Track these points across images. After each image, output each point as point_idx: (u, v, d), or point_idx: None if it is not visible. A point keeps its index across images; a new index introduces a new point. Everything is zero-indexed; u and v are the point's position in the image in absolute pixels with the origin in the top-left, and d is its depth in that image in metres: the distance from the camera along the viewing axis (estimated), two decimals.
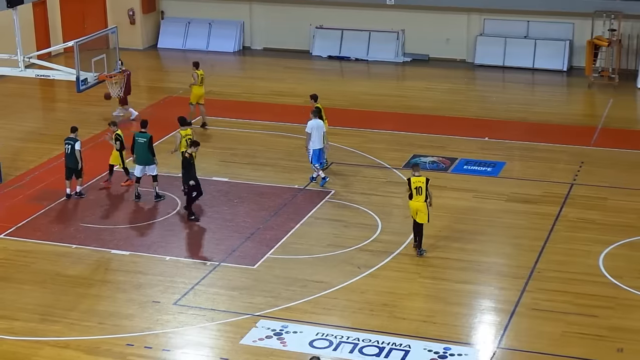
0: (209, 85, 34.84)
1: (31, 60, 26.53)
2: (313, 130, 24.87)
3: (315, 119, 25.02)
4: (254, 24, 40.11)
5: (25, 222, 23.44)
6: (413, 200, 21.33)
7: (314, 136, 24.86)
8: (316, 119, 25.03)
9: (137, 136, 24.58)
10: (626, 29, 35.19)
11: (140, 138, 24.48)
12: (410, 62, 38.00)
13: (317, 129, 24.89)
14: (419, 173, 21.43)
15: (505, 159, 27.23)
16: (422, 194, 21.21)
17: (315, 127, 24.89)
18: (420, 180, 21.22)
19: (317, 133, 24.88)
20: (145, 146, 24.39)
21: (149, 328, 18.73)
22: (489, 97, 33.53)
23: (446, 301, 19.65)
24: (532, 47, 36.66)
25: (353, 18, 38.63)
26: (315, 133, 24.85)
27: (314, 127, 24.88)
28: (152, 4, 40.82)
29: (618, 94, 33.38)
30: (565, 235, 22.48)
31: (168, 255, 21.75)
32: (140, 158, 24.49)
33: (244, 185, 25.67)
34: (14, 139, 29.36)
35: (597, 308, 19.23)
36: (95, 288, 20.33)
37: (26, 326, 18.82)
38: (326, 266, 21.15)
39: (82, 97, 30.76)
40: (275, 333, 18.44)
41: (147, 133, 24.58)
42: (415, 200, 21.29)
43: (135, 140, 24.55)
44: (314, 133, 24.86)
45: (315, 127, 24.88)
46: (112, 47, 27.93)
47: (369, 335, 18.32)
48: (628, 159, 27.31)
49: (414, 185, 21.22)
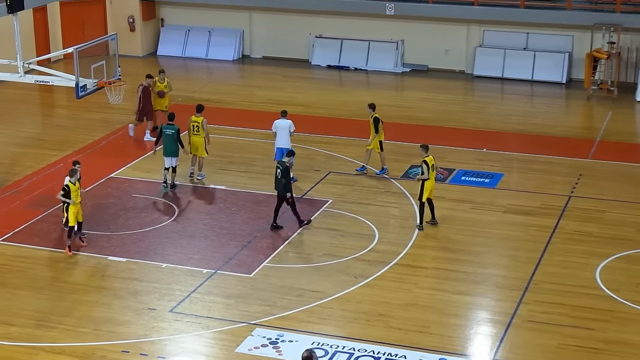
0: (209, 92, 34.91)
1: (31, 66, 26.55)
2: (278, 129, 25.80)
3: (283, 119, 25.79)
4: (253, 33, 40.15)
5: (22, 228, 23.43)
6: (430, 179, 22.77)
7: (278, 135, 25.75)
8: (284, 119, 25.78)
9: (164, 128, 25.40)
10: (625, 41, 35.24)
11: (168, 130, 25.31)
12: (409, 73, 38.03)
13: (281, 128, 25.78)
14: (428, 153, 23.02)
15: (503, 171, 27.24)
16: (435, 171, 23.06)
17: (280, 127, 25.80)
18: (432, 158, 22.96)
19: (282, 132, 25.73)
20: (172, 138, 25.22)
21: (145, 335, 18.71)
22: (487, 109, 33.54)
23: (442, 312, 19.65)
24: (531, 59, 36.70)
25: (353, 28, 38.67)
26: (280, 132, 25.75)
27: (278, 127, 25.82)
28: (152, 12, 40.87)
29: (617, 107, 33.41)
30: (562, 248, 22.48)
31: (164, 263, 21.74)
32: (168, 149, 25.29)
33: (241, 193, 25.67)
34: (13, 145, 29.36)
35: (593, 321, 19.23)
36: (92, 294, 20.32)
37: (22, 332, 18.80)
38: (322, 275, 21.14)
39: (81, 104, 30.80)
40: (271, 342, 18.42)
41: (175, 125, 25.39)
42: (432, 179, 22.80)
43: (163, 132, 25.37)
44: (279, 132, 25.76)
45: (279, 127, 25.81)
46: (111, 54, 27.97)
47: (364, 345, 18.30)
48: (626, 171, 27.33)
49: (430, 163, 22.78)
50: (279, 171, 23.05)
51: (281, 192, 23.16)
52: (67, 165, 27.44)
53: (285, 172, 23.02)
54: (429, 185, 22.99)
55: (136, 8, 40.08)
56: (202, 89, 35.42)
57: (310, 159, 27.97)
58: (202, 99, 33.75)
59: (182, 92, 33.65)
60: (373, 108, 26.63)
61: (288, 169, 23.21)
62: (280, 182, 23.04)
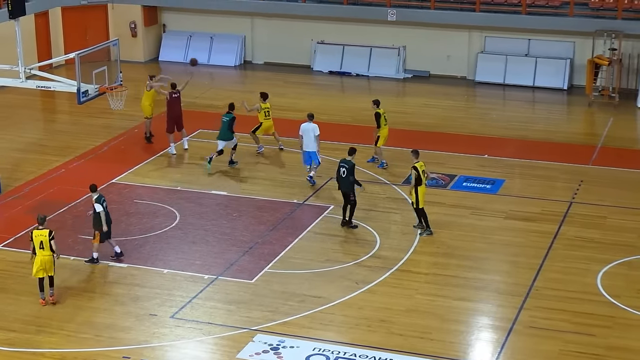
0: (211, 98, 34.92)
1: (32, 71, 26.56)
2: (304, 132, 26.30)
3: (309, 122, 26.34)
4: (255, 39, 40.18)
5: (23, 233, 23.40)
6: (423, 185, 22.76)
7: (305, 139, 26.25)
8: (309, 122, 26.32)
9: (224, 116, 27.55)
10: (627, 48, 35.25)
11: (225, 117, 27.49)
12: (410, 79, 38.05)
13: (306, 132, 26.20)
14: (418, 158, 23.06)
15: (504, 177, 27.24)
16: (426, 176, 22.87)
17: (305, 130, 26.25)
18: (422, 164, 23.00)
19: (308, 136, 26.18)
20: (226, 125, 27.29)
21: (146, 341, 18.71)
22: (489, 115, 33.55)
23: (443, 318, 19.64)
24: (532, 65, 36.71)
25: (354, 34, 38.71)
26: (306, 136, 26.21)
27: (304, 130, 26.30)
28: (153, 17, 40.91)
29: (618, 113, 33.41)
30: (564, 254, 22.47)
31: (166, 269, 21.74)
32: (222, 135, 27.40)
33: (243, 199, 25.68)
34: (14, 150, 29.38)
35: (594, 327, 19.21)
36: (93, 300, 20.32)
37: (23, 337, 18.80)
38: (324, 281, 21.13)
39: (82, 109, 30.86)
40: (272, 348, 18.41)
41: (231, 114, 27.49)
42: (424, 185, 22.76)
43: (221, 119, 27.52)
44: (305, 136, 26.23)
45: (305, 130, 26.27)
46: (113, 60, 27.97)
47: (366, 351, 18.29)
48: (628, 178, 27.32)
49: (421, 169, 22.76)
50: (344, 170, 23.37)
51: (346, 190, 23.44)
52: (68, 171, 27.52)
53: (350, 170, 23.38)
54: (422, 190, 23.02)
55: (138, 14, 40.12)
56: (204, 94, 35.44)
57: None
58: (204, 105, 33.87)
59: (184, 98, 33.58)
60: (377, 104, 27.46)
61: (353, 167, 23.54)
62: (347, 180, 23.37)
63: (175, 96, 28.93)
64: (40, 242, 19.69)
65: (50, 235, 19.77)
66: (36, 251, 19.74)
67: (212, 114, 32.16)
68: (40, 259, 19.72)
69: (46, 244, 19.72)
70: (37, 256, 19.74)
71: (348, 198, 23.65)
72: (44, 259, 19.74)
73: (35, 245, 19.73)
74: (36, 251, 19.74)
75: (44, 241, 19.69)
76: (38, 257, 19.73)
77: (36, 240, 19.72)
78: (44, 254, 19.72)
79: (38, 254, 19.72)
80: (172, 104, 28.93)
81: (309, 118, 26.55)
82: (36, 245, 19.72)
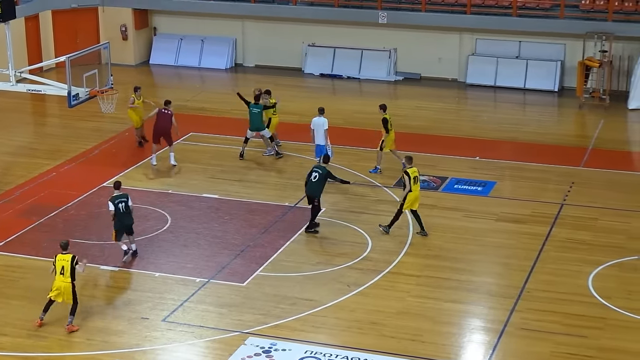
0: (202, 101, 34.89)
1: (23, 74, 26.54)
2: (315, 127, 27.18)
3: (319, 116, 27.27)
4: (246, 41, 40.17)
5: (14, 237, 23.38)
6: (413, 190, 22.86)
7: (316, 133, 27.12)
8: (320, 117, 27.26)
9: (251, 107, 28.12)
10: (617, 50, 35.32)
11: (254, 109, 28.12)
12: (402, 81, 38.06)
13: (317, 126, 27.13)
14: (412, 164, 23.24)
15: (495, 179, 27.27)
16: (418, 182, 23.16)
17: (316, 125, 27.17)
18: (415, 170, 23.18)
19: (318, 130, 27.06)
20: (258, 115, 28.08)
21: (138, 344, 18.68)
22: (480, 117, 33.58)
23: (435, 320, 19.64)
24: (523, 67, 36.76)
25: (345, 36, 38.71)
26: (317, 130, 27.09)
27: (315, 125, 27.21)
28: (144, 20, 40.87)
29: (609, 115, 33.47)
30: (555, 256, 22.50)
31: (157, 272, 21.71)
32: (253, 125, 28.21)
33: (234, 202, 25.66)
34: (5, 154, 29.32)
35: (586, 328, 19.24)
36: (84, 304, 20.24)
37: (14, 342, 18.75)
38: (316, 284, 21.13)
39: (73, 112, 30.75)
40: (264, 350, 18.40)
41: (261, 104, 28.24)
42: (414, 190, 22.96)
43: (250, 110, 28.08)
44: (316, 130, 27.11)
45: (316, 125, 27.18)
46: (104, 63, 27.97)
47: (357, 353, 18.29)
48: (618, 179, 27.37)
49: (412, 175, 22.86)
50: (316, 175, 23.45)
51: (312, 194, 23.47)
52: (59, 175, 27.48)
53: (323, 177, 23.44)
54: (411, 196, 23.02)
55: (129, 17, 40.06)
56: (195, 97, 35.42)
57: (303, 167, 27.95)
58: (195, 108, 33.84)
59: (175, 101, 33.54)
60: (383, 109, 27.67)
61: (327, 175, 23.57)
62: (315, 185, 23.43)
63: (165, 112, 27.86)
64: (62, 267, 19.08)
65: (74, 260, 19.14)
66: (56, 275, 19.15)
67: (203, 117, 32.14)
68: (59, 284, 19.12)
69: (67, 271, 19.04)
70: (56, 280, 19.16)
71: (312, 202, 23.53)
72: (63, 285, 19.10)
73: (57, 269, 19.14)
74: (56, 275, 19.15)
75: (65, 267, 19.04)
76: (57, 281, 19.13)
77: (58, 265, 19.12)
78: (63, 280, 19.08)
79: (57, 278, 19.12)
80: (161, 118, 27.83)
81: (320, 112, 27.27)
82: (57, 269, 19.13)
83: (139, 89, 29.49)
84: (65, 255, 19.18)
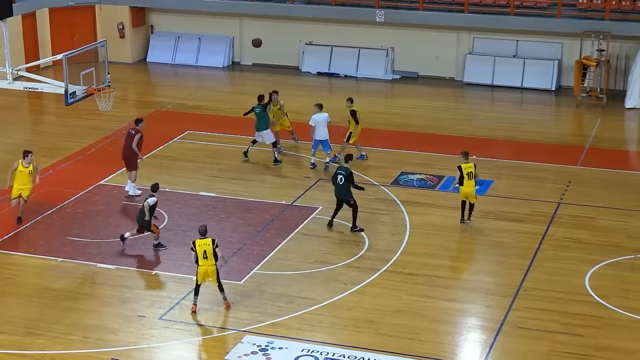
0: (199, 100, 34.87)
1: (19, 72, 26.50)
2: (317, 123, 27.47)
3: (320, 112, 27.63)
4: (243, 40, 40.12)
5: (10, 235, 23.36)
6: (465, 185, 23.38)
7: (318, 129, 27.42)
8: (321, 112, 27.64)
9: (255, 108, 27.95)
10: (614, 49, 35.33)
11: (255, 109, 27.95)
12: (399, 80, 38.04)
13: (320, 122, 27.48)
14: (468, 160, 23.65)
15: (493, 178, 27.25)
16: (473, 178, 23.55)
17: (319, 120, 27.49)
18: (470, 166, 23.57)
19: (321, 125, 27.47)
20: (258, 115, 27.89)
21: (134, 342, 18.67)
22: (477, 116, 33.58)
23: (432, 319, 19.65)
24: (520, 66, 36.76)
25: (343, 35, 38.69)
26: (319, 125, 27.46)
27: (317, 121, 27.46)
28: (141, 18, 40.83)
29: (606, 114, 33.48)
30: (552, 254, 22.51)
31: (154, 270, 21.70)
32: (256, 125, 28.05)
33: (231, 200, 25.64)
34: (1, 152, 29.24)
35: (583, 327, 19.25)
36: (81, 302, 20.26)
37: (11, 339, 18.74)
38: (312, 282, 21.12)
39: (70, 110, 30.73)
40: (261, 349, 18.39)
41: (260, 104, 27.96)
42: (466, 185, 23.50)
43: (254, 111, 27.96)
44: (318, 126, 27.44)
45: (318, 121, 27.48)
46: (101, 61, 27.90)
47: (354, 352, 18.28)
48: (615, 178, 27.38)
49: (465, 171, 23.33)
50: (341, 177, 23.42)
51: (342, 196, 23.53)
52: (56, 173, 27.46)
53: (348, 177, 23.41)
54: (463, 190, 23.66)
55: (126, 15, 40.02)
56: (192, 95, 35.40)
57: (300, 166, 27.96)
58: (192, 106, 33.81)
59: (172, 99, 33.61)
60: (351, 101, 28.22)
61: (351, 175, 23.56)
62: (344, 187, 23.49)
63: (131, 132, 25.50)
64: (204, 251, 19.37)
65: (214, 243, 19.46)
66: (199, 261, 19.43)
67: (200, 115, 32.11)
68: (204, 269, 19.44)
69: (209, 253, 19.39)
70: (200, 266, 19.43)
71: (348, 203, 23.60)
72: (208, 270, 19.48)
73: (199, 254, 19.41)
74: (199, 261, 19.43)
75: (207, 250, 19.35)
76: (202, 267, 19.43)
77: (199, 250, 19.38)
78: (207, 263, 19.41)
79: (201, 263, 19.40)
80: (127, 139, 25.62)
81: (319, 108, 27.71)
82: (199, 254, 19.41)
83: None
84: (205, 240, 19.54)
